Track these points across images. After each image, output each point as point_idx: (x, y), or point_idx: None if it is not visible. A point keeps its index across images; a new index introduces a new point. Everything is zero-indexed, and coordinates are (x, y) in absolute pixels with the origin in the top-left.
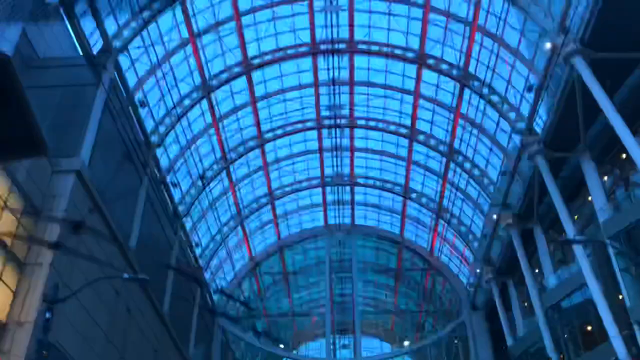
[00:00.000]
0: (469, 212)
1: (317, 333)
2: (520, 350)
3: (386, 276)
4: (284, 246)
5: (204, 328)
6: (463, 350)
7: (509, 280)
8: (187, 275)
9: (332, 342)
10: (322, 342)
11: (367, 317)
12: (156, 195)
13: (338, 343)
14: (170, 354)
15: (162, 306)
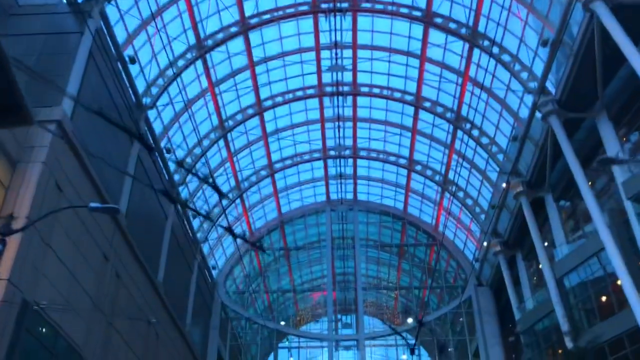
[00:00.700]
0: (476, 184)
1: (318, 313)
2: (529, 324)
3: (389, 253)
4: (285, 221)
5: (201, 302)
6: (468, 327)
7: (517, 253)
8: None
9: (334, 320)
10: (323, 321)
11: (370, 295)
12: (149, 161)
13: (340, 322)
14: (166, 327)
15: (156, 275)
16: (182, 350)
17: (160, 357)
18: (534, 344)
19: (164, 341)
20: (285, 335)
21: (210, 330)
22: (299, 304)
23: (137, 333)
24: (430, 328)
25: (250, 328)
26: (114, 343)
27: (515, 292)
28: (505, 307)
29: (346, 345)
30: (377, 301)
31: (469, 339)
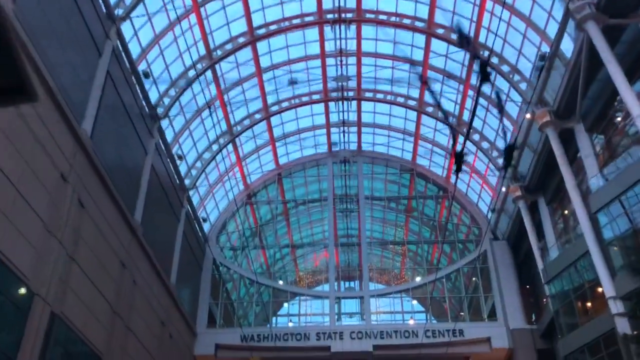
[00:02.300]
0: (493, 124)
1: (319, 278)
2: (555, 273)
3: (395, 211)
4: (283, 174)
5: (191, 258)
6: (484, 284)
7: (539, 198)
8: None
9: (336, 279)
10: (325, 287)
11: (375, 259)
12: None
13: (343, 286)
14: (146, 274)
15: (132, 215)
16: (164, 302)
17: (137, 305)
18: (560, 294)
19: (142, 288)
20: (284, 297)
21: (200, 288)
22: (299, 267)
23: (106, 272)
24: (441, 284)
25: (244, 286)
26: (74, 277)
27: (537, 241)
28: (523, 262)
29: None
30: (383, 266)
31: (484, 296)
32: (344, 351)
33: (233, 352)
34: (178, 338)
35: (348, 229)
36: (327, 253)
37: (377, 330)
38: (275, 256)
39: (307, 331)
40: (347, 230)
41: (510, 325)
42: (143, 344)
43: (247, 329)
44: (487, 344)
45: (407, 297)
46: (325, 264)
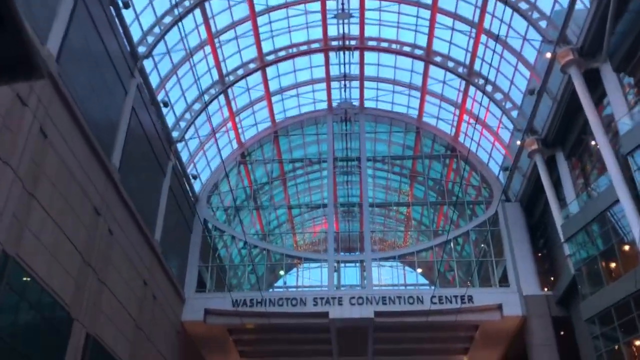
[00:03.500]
0: (507, 71)
1: (317, 250)
2: (576, 229)
3: (400, 176)
4: (279, 133)
5: (179, 217)
6: (495, 248)
7: (558, 152)
8: None
9: (336, 249)
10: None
11: (377, 224)
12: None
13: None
14: (125, 228)
15: (109, 158)
16: (147, 260)
17: (113, 259)
18: (582, 253)
19: (120, 240)
20: (280, 262)
21: (190, 250)
22: (297, 237)
23: (75, 216)
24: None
25: (237, 249)
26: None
27: (555, 197)
28: (537, 224)
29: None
30: (385, 237)
31: (495, 260)
32: (343, 318)
33: (224, 318)
34: (163, 301)
35: (349, 196)
36: (326, 223)
37: (379, 296)
38: (270, 224)
39: (303, 296)
40: (347, 197)
41: (524, 291)
42: (121, 302)
43: (238, 294)
44: (498, 312)
45: (411, 269)
46: (324, 235)
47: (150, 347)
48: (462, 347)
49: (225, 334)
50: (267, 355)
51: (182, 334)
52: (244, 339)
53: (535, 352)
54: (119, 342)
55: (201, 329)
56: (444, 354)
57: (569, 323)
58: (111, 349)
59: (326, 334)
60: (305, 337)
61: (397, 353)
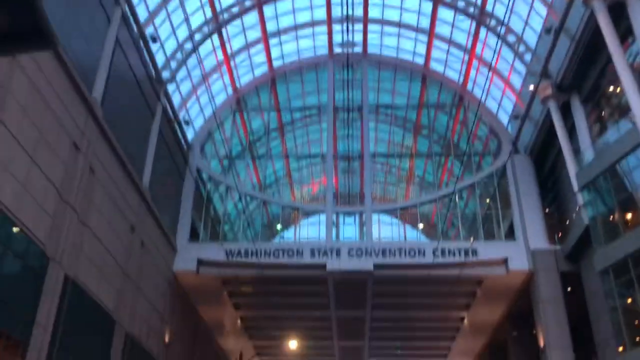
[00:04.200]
0: (522, 10)
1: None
2: (591, 176)
3: (403, 129)
4: (277, 79)
5: (169, 161)
6: (501, 200)
7: (573, 97)
8: None
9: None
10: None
11: (378, 182)
12: None
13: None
14: (109, 168)
15: (89, 91)
16: (134, 204)
17: (95, 200)
18: (597, 201)
19: (103, 180)
20: (276, 214)
21: (182, 199)
22: (295, 194)
23: (50, 149)
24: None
25: (231, 200)
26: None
27: (569, 143)
28: (547, 178)
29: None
30: (386, 195)
31: (502, 213)
32: (341, 270)
33: (217, 268)
34: (153, 249)
35: (349, 151)
36: (325, 179)
37: (379, 248)
38: (267, 178)
39: (300, 248)
40: (348, 152)
41: (531, 245)
42: (105, 247)
43: (233, 244)
44: (503, 266)
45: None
46: (323, 191)
47: (140, 296)
48: (464, 303)
49: (219, 286)
50: (262, 308)
51: (174, 285)
52: (238, 291)
53: (542, 308)
54: (103, 288)
55: (194, 280)
56: (445, 310)
57: (578, 279)
58: (94, 294)
59: (323, 287)
60: (302, 289)
61: (395, 307)
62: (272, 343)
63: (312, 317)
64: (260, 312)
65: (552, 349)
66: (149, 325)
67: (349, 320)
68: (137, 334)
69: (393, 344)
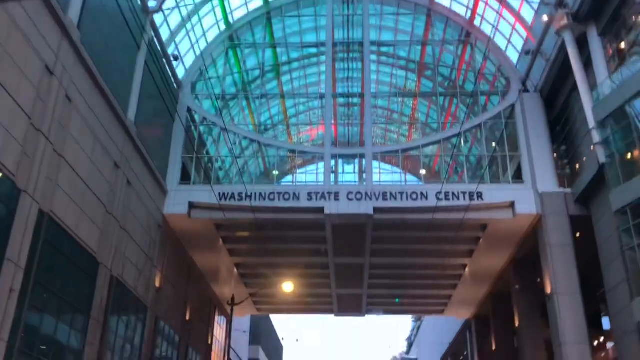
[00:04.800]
0: None
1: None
2: (609, 111)
3: (406, 70)
4: (273, 14)
5: (157, 100)
6: (509, 142)
7: (590, 28)
8: None
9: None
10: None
11: (379, 129)
12: None
13: (342, 165)
14: (88, 97)
15: (64, 11)
16: (118, 140)
17: (73, 130)
18: (615, 137)
19: (81, 110)
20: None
21: (172, 140)
22: (292, 139)
23: (18, 71)
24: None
25: (225, 141)
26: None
27: (585, 77)
28: (558, 118)
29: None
30: (387, 143)
31: (509, 155)
32: (340, 213)
33: (210, 212)
34: (140, 190)
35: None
36: (323, 126)
37: (380, 191)
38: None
39: (297, 191)
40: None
41: (539, 188)
42: (86, 182)
43: (226, 187)
44: (510, 210)
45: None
46: (322, 138)
47: (126, 237)
48: (466, 250)
49: (213, 231)
50: (258, 254)
51: (165, 229)
52: (233, 236)
53: (550, 254)
54: (84, 226)
55: (186, 224)
56: (446, 257)
57: (588, 223)
58: (74, 232)
59: (321, 232)
60: (299, 235)
61: (395, 254)
62: (268, 292)
63: (310, 264)
64: (256, 259)
65: (559, 294)
66: (137, 269)
67: (348, 267)
68: (124, 277)
69: (392, 293)
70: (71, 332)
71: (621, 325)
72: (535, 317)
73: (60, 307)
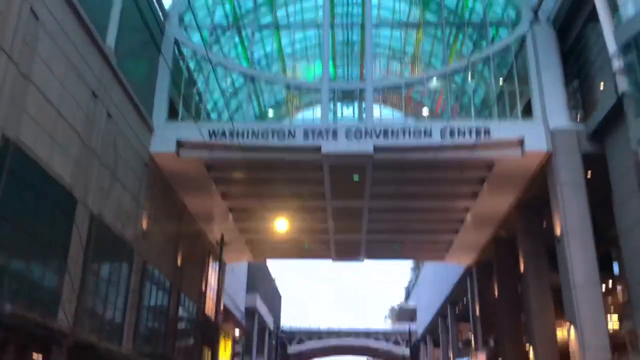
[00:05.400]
0: None
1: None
2: (633, 33)
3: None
4: None
5: (141, 30)
6: (519, 76)
7: None
8: None
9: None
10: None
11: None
12: None
13: (340, 109)
14: (57, 14)
15: None
16: (95, 66)
17: (41, 52)
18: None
19: (48, 28)
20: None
21: (158, 74)
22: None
23: None
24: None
25: (215, 76)
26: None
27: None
28: (571, 50)
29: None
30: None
31: (519, 89)
32: (338, 152)
33: (199, 151)
34: (123, 125)
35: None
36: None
37: (380, 129)
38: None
39: (292, 129)
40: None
41: (550, 124)
42: (58, 110)
43: (217, 124)
44: (518, 147)
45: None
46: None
47: (108, 175)
48: (471, 192)
49: (204, 172)
50: (252, 197)
51: (152, 168)
52: (225, 177)
53: (561, 193)
54: (57, 158)
55: (175, 164)
56: (449, 199)
57: (601, 161)
58: (45, 164)
59: (318, 173)
60: (294, 176)
61: (396, 197)
62: (264, 236)
63: (307, 207)
64: (250, 202)
65: (570, 235)
66: (122, 209)
67: (346, 211)
68: (106, 217)
69: (392, 238)
70: (46, 273)
71: (635, 268)
72: (541, 262)
73: (32, 245)
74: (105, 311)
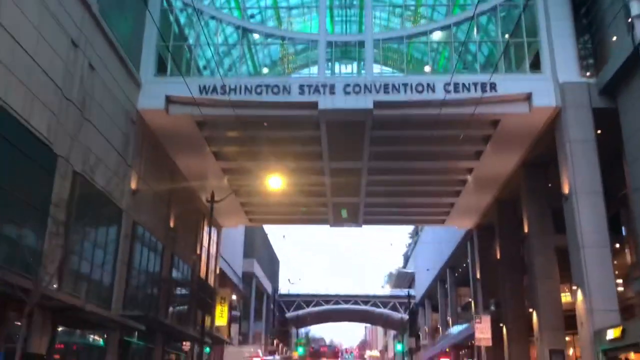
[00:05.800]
0: None
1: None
2: None
3: None
4: None
5: None
6: (527, 28)
7: None
8: None
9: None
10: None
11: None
12: None
13: (339, 67)
14: None
15: None
16: (74, 13)
17: None
18: None
19: None
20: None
21: (146, 26)
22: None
23: None
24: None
25: (205, 29)
26: None
27: None
28: (583, 1)
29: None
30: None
31: (527, 41)
32: (336, 108)
33: (190, 107)
34: (107, 78)
35: None
36: None
37: (380, 83)
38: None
39: (287, 83)
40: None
41: (560, 78)
42: (34, 58)
43: (208, 79)
44: (526, 103)
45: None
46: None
47: (92, 130)
48: (474, 151)
49: (195, 129)
50: (246, 157)
51: (140, 126)
52: (217, 136)
53: (569, 150)
54: (34, 110)
55: (164, 121)
56: (452, 159)
57: (612, 117)
58: (20, 115)
59: (315, 132)
60: (290, 135)
61: (396, 157)
62: (260, 200)
63: (303, 168)
64: (244, 162)
65: (579, 193)
66: (108, 167)
67: (344, 172)
68: (91, 174)
69: (391, 201)
70: (25, 232)
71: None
72: (546, 223)
73: (9, 203)
74: (92, 273)
